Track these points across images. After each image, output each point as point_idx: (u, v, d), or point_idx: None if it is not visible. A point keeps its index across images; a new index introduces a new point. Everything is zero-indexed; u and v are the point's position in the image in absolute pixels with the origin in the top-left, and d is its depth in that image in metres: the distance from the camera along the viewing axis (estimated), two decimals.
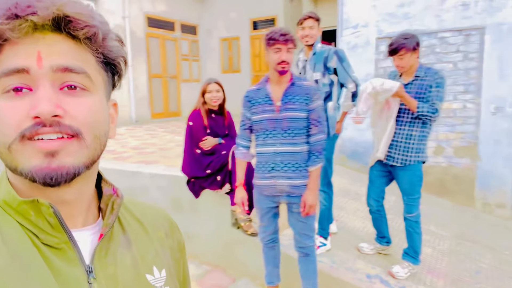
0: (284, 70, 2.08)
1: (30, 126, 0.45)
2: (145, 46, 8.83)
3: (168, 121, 9.12)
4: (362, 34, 5.02)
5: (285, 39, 2.03)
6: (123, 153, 5.02)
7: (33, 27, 0.46)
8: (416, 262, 2.74)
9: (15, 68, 0.46)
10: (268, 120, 2.16)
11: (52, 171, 0.46)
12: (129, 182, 3.57)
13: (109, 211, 0.57)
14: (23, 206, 0.48)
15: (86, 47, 0.50)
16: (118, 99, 8.22)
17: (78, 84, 0.49)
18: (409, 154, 2.64)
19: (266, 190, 2.26)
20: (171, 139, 6.23)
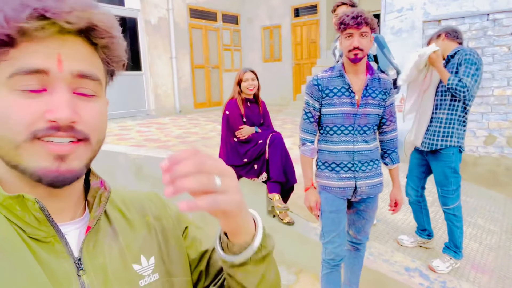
0: (357, 57, 1.84)
1: (45, 129, 0.46)
2: (188, 37, 9.02)
3: (210, 111, 9.30)
4: (407, 18, 4.79)
5: (356, 22, 1.78)
6: (166, 141, 5.21)
7: (58, 31, 0.46)
8: (458, 257, 2.62)
9: (35, 69, 0.45)
10: (345, 114, 1.93)
11: (61, 174, 0.47)
12: None
13: (96, 204, 0.57)
14: (8, 201, 0.48)
15: (99, 54, 0.52)
16: (163, 90, 8.52)
17: (90, 91, 0.50)
18: (435, 138, 2.56)
19: (341, 192, 2.02)
20: (212, 128, 6.37)
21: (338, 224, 2.05)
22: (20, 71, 0.45)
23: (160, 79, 8.53)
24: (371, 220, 2.15)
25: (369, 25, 1.80)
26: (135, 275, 0.58)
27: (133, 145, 4.95)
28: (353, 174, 1.99)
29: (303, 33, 9.59)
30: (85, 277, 0.51)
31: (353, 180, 2.00)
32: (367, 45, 1.84)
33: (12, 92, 0.46)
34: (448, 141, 2.53)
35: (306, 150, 2.04)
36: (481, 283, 2.55)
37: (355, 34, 1.81)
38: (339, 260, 2.08)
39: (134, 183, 4.03)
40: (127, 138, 5.52)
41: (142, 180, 3.96)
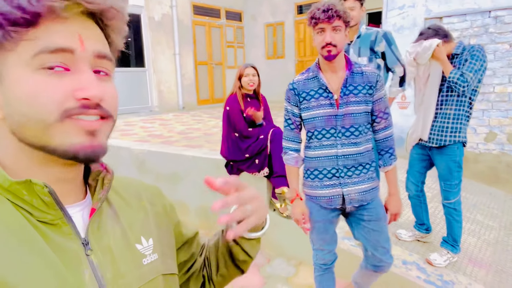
0: (331, 54, 1.68)
1: (77, 107, 0.47)
2: (192, 34, 9.05)
3: (213, 107, 9.33)
4: (409, 15, 4.81)
5: (327, 16, 1.62)
6: (169, 137, 5.26)
7: (80, 12, 0.47)
8: (456, 251, 2.66)
9: (61, 47, 0.46)
10: (325, 117, 1.78)
11: (95, 148, 0.49)
12: (172, 164, 3.77)
13: (99, 186, 0.59)
14: (15, 187, 0.48)
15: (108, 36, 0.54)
16: (167, 86, 8.57)
17: (107, 70, 0.52)
18: (443, 134, 2.57)
19: (326, 201, 1.87)
20: (215, 125, 6.41)
21: (325, 233, 1.94)
22: (45, 50, 0.46)
23: (164, 75, 8.57)
24: (383, 231, 1.90)
25: (342, 18, 1.65)
26: (138, 254, 0.60)
27: (137, 140, 5.00)
28: (338, 181, 1.83)
29: (306, 30, 9.59)
30: (93, 257, 0.53)
31: (338, 187, 1.84)
32: (341, 40, 1.69)
33: (37, 72, 0.46)
34: (456, 136, 2.55)
35: (288, 159, 1.94)
36: (478, 277, 2.59)
37: (327, 29, 1.66)
38: (331, 264, 2.02)
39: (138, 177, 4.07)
40: (131, 133, 5.58)
41: (145, 174, 4.02)
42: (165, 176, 3.85)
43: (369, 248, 1.93)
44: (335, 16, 1.64)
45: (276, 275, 2.85)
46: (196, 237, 0.81)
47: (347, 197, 1.85)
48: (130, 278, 0.57)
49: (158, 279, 0.62)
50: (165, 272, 0.64)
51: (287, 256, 3.03)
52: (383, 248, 1.91)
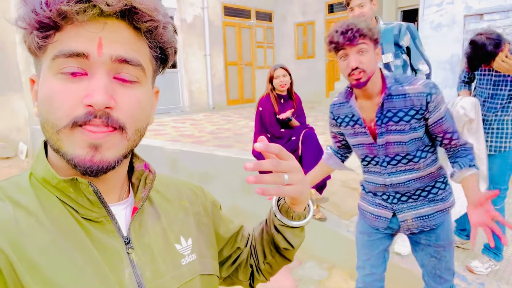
0: (360, 82, 1.42)
1: (83, 115, 0.46)
2: (222, 34, 9.13)
3: (243, 107, 9.38)
4: (448, 12, 4.63)
5: (348, 38, 1.36)
6: (200, 137, 5.33)
7: (99, 13, 0.45)
8: (498, 258, 2.53)
9: (75, 52, 0.46)
10: (364, 145, 1.58)
11: (94, 164, 0.48)
12: (204, 164, 3.80)
13: (141, 186, 0.59)
14: (62, 184, 0.50)
15: (144, 38, 0.50)
16: (197, 86, 8.68)
17: (131, 77, 0.49)
18: (503, 140, 2.48)
19: (373, 220, 1.68)
20: (245, 125, 6.43)
21: (369, 248, 1.72)
22: (61, 54, 0.46)
23: (195, 76, 8.69)
24: (445, 260, 1.62)
25: (367, 36, 1.38)
26: (177, 254, 0.61)
27: (169, 140, 5.09)
28: (390, 206, 1.62)
29: None
30: (134, 255, 0.54)
31: (390, 210, 1.62)
32: (371, 62, 1.41)
33: (56, 76, 0.47)
34: None
35: (324, 153, 1.84)
36: None
37: (350, 53, 1.39)
38: None
39: None
40: (163, 133, 5.69)
41: (177, 174, 4.08)
42: (197, 176, 3.89)
43: (425, 274, 1.70)
44: (357, 37, 1.37)
45: (308, 278, 2.81)
46: (241, 231, 0.80)
47: (404, 223, 1.61)
48: (168, 278, 0.57)
49: (196, 279, 0.61)
50: (203, 272, 0.64)
51: (319, 259, 2.98)
52: (440, 278, 1.63)
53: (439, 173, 1.59)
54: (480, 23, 4.41)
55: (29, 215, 0.47)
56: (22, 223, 0.46)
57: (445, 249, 1.62)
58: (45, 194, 0.50)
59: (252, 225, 0.83)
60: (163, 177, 0.70)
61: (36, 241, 0.45)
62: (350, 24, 1.38)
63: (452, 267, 1.65)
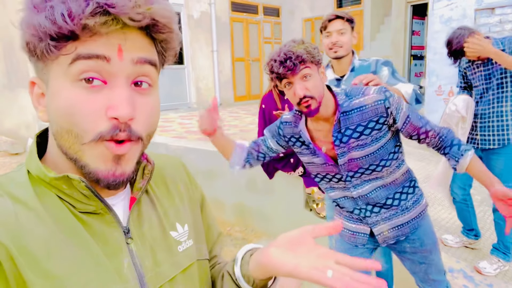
0: (311, 110, 1.32)
1: (109, 130, 0.46)
2: (229, 30, 9.09)
3: (250, 104, 9.34)
4: (458, 6, 4.52)
5: (288, 67, 1.27)
6: None
7: (121, 27, 0.45)
8: (508, 258, 2.47)
9: (96, 54, 0.45)
10: (323, 164, 1.47)
11: (116, 178, 0.49)
12: (208, 161, 3.78)
13: (139, 176, 0.59)
14: (55, 182, 0.50)
15: (157, 47, 0.52)
16: (204, 83, 8.67)
17: (147, 79, 0.50)
18: (505, 133, 2.42)
19: (350, 237, 1.59)
20: (252, 121, 6.40)
21: None
22: (80, 56, 0.45)
23: (202, 72, 8.68)
24: (434, 263, 1.57)
25: (308, 61, 1.29)
26: (173, 241, 0.61)
27: (174, 136, 5.09)
28: (365, 220, 1.54)
29: None
30: (133, 245, 0.55)
31: (364, 224, 1.55)
32: (318, 86, 1.32)
33: (74, 84, 0.46)
34: None
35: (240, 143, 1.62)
36: None
37: (295, 81, 1.30)
38: None
39: None
40: (169, 130, 5.69)
41: None
42: (202, 173, 3.87)
43: (418, 280, 1.64)
44: (298, 64, 1.27)
45: None
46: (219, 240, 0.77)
47: (380, 236, 1.54)
48: (166, 266, 0.58)
49: (193, 265, 0.63)
50: (200, 257, 0.65)
51: None
52: (433, 281, 1.58)
53: (404, 178, 1.52)
54: (491, 17, 4.30)
55: (28, 210, 0.48)
56: (21, 218, 0.47)
57: (431, 252, 1.56)
58: (42, 189, 0.51)
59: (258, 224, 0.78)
60: (159, 157, 0.69)
61: (35, 235, 0.46)
62: (287, 52, 1.28)
63: (442, 266, 1.61)
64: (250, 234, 3.42)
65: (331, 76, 1.99)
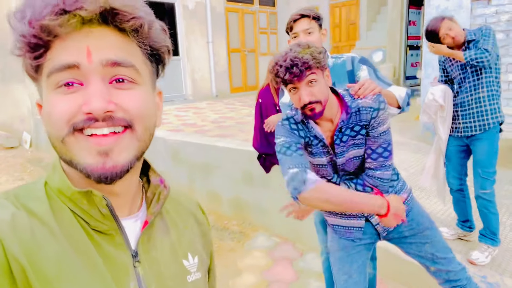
0: (316, 113, 1.34)
1: (82, 120, 0.47)
2: (225, 21, 9.00)
3: (246, 95, 9.30)
4: None
5: (294, 74, 1.26)
6: (203, 126, 5.31)
7: (81, 22, 0.46)
8: (496, 243, 2.54)
9: (66, 64, 0.46)
10: (328, 164, 1.48)
11: (107, 171, 0.48)
12: (205, 155, 3.78)
13: (155, 201, 0.59)
14: (77, 196, 0.50)
15: (132, 39, 0.50)
16: (200, 74, 8.61)
17: (126, 77, 0.49)
18: (484, 118, 2.50)
19: (345, 233, 1.57)
20: (248, 113, 6.39)
21: (349, 263, 1.56)
22: (54, 69, 0.47)
23: (197, 64, 8.62)
24: (437, 239, 1.57)
25: (314, 67, 1.28)
26: (184, 270, 0.61)
27: (171, 129, 5.07)
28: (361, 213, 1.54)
29: (342, 15, 9.28)
30: (140, 269, 0.55)
31: (361, 218, 1.53)
32: (323, 91, 1.32)
33: (53, 91, 0.48)
34: (498, 117, 2.49)
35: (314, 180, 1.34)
36: None
37: (300, 87, 1.31)
38: None
39: (172, 167, 4.16)
40: (165, 122, 5.67)
41: (179, 164, 4.07)
42: (199, 166, 3.87)
43: (429, 264, 1.58)
44: (304, 71, 1.26)
45: (309, 269, 2.81)
46: None
47: (379, 226, 1.54)
48: None
49: None
50: None
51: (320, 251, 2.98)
52: (444, 259, 1.56)
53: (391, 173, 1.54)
54: (487, 8, 4.28)
55: (43, 225, 0.48)
56: (37, 234, 0.47)
57: (430, 229, 1.57)
58: (58, 204, 0.51)
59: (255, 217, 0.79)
60: (177, 192, 0.69)
61: (49, 253, 0.47)
62: (294, 59, 1.26)
63: (446, 243, 1.61)
64: (247, 228, 3.44)
65: None
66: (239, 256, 3.03)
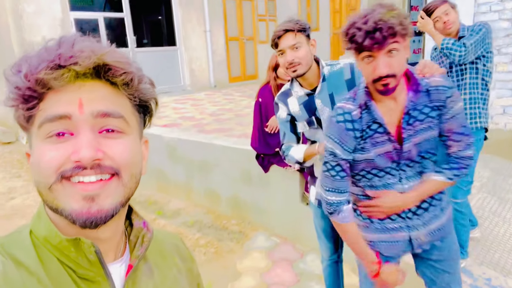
0: (389, 89, 1.18)
1: (71, 169, 0.48)
2: (222, 8, 8.80)
3: (245, 85, 9.17)
4: None
5: (376, 40, 1.10)
6: (201, 119, 5.21)
7: (75, 76, 0.49)
8: (464, 256, 2.47)
9: (58, 115, 0.48)
10: (384, 154, 1.32)
11: (92, 216, 0.49)
12: (203, 152, 3.70)
13: (138, 244, 0.60)
14: (64, 244, 0.51)
15: (123, 91, 0.53)
16: (198, 64, 8.47)
17: (115, 127, 0.52)
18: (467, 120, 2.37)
19: (388, 248, 1.43)
20: (247, 104, 6.28)
21: None
22: (46, 120, 0.49)
23: (195, 53, 8.46)
24: (455, 272, 1.49)
25: (399, 34, 1.12)
26: None
27: (168, 123, 4.99)
28: (404, 223, 1.39)
29: (342, 0, 9.07)
30: None
31: (405, 230, 1.40)
32: (402, 64, 1.18)
33: (44, 141, 0.49)
34: (478, 122, 2.36)
35: (344, 217, 1.36)
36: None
37: (379, 57, 1.14)
38: None
39: (169, 165, 4.08)
40: (163, 116, 5.57)
41: (177, 162, 4.00)
42: (196, 164, 3.80)
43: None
44: (388, 37, 1.09)
45: (310, 271, 2.76)
46: None
47: (416, 241, 1.42)
48: None
49: None
50: None
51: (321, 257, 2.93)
52: None
53: None
54: None
55: (31, 275, 0.48)
56: (27, 283, 0.47)
57: (456, 261, 1.50)
58: (45, 253, 0.51)
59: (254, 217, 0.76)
60: (158, 233, 0.70)
61: None
62: (379, 22, 1.08)
63: (460, 276, 1.53)
64: (247, 227, 3.38)
65: (300, 92, 1.71)
66: (238, 257, 2.98)
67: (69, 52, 0.48)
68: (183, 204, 3.97)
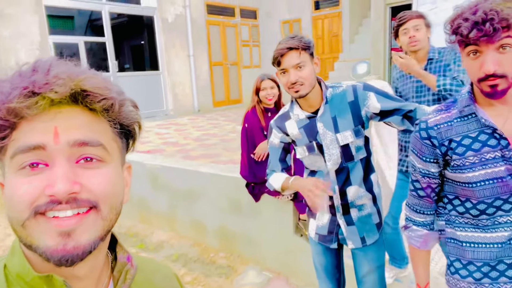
0: (497, 91, 0.99)
1: (45, 204, 0.45)
2: (206, 34, 8.83)
3: (229, 109, 9.12)
4: (442, 10, 4.42)
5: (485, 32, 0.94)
6: (185, 145, 5.05)
7: (50, 103, 0.45)
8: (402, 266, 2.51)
9: (32, 145, 0.45)
10: (497, 180, 1.04)
11: (68, 253, 0.45)
12: (189, 181, 3.52)
13: (121, 281, 0.57)
14: (37, 281, 0.48)
15: (103, 117, 0.50)
16: (181, 89, 8.37)
17: (94, 155, 0.48)
18: None
19: (489, 251, 1.11)
20: (232, 129, 6.17)
21: None
22: (18, 151, 0.46)
23: (178, 78, 8.38)
24: None
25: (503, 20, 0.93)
26: None
27: (152, 149, 4.80)
28: None
29: (324, 27, 9.24)
30: None
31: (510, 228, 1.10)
32: None
33: (16, 173, 0.46)
34: None
35: (412, 236, 1.24)
36: None
37: (487, 52, 0.97)
38: None
39: (151, 194, 3.87)
40: (146, 141, 5.39)
41: (160, 190, 3.79)
42: (181, 193, 3.60)
43: None
44: (499, 30, 0.93)
45: None
46: None
47: None
48: None
49: None
50: None
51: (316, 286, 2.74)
52: None
53: None
54: None
55: None
56: None
57: None
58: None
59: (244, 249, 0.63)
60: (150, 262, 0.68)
61: None
62: (490, 12, 0.93)
63: None
64: (236, 261, 3.17)
65: (301, 115, 1.60)
66: None
67: (44, 78, 0.45)
68: (166, 236, 3.73)
